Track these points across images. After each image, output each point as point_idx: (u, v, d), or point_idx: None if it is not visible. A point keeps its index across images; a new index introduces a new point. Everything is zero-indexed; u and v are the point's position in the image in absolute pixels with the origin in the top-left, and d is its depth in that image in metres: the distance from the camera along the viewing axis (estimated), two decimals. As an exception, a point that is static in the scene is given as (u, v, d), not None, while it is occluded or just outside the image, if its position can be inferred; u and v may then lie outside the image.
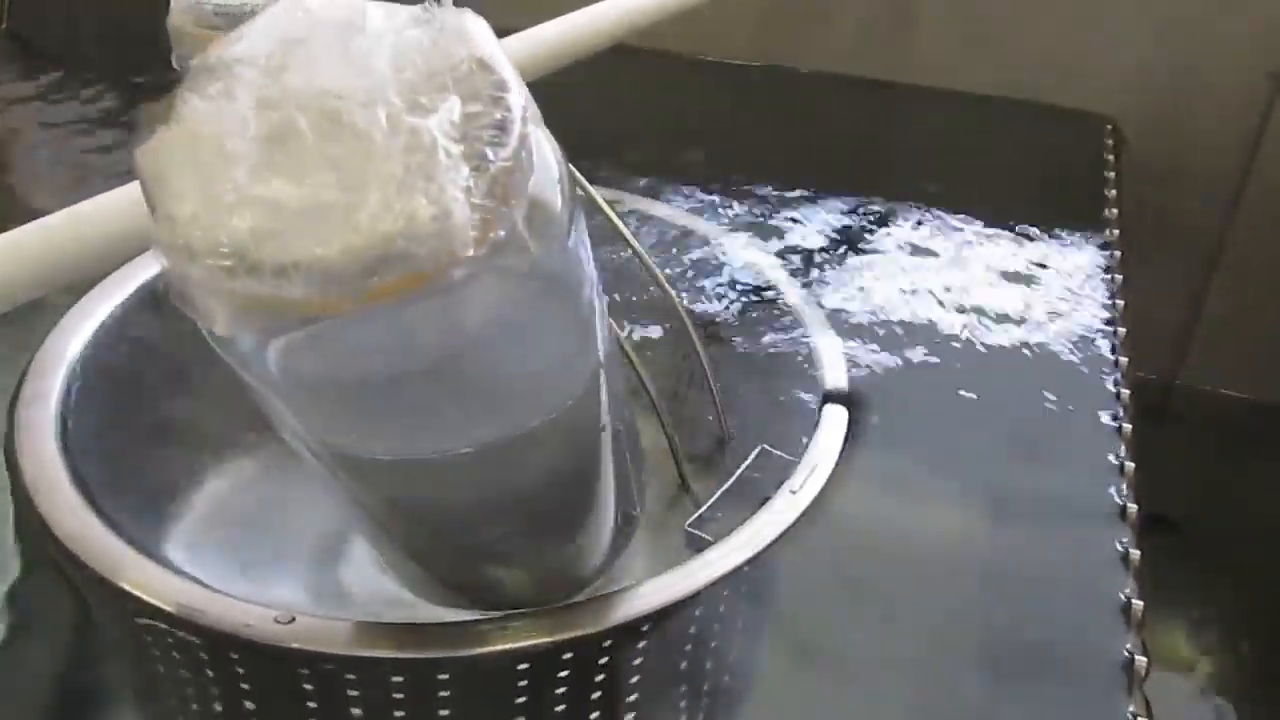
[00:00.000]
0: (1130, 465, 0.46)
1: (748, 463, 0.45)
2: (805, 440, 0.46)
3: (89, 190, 0.35)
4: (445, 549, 0.35)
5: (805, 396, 0.50)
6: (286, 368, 0.26)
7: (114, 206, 0.37)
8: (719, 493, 0.44)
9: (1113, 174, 0.70)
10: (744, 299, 0.57)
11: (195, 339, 0.50)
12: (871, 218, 0.65)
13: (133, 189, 0.37)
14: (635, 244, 0.45)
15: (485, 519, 0.33)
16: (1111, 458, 0.46)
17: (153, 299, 0.51)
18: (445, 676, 0.35)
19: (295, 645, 0.35)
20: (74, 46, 0.87)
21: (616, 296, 0.54)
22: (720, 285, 0.58)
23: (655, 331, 0.55)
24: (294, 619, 0.36)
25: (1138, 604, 0.39)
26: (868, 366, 0.52)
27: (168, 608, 0.36)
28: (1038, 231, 0.63)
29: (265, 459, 0.47)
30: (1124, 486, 0.45)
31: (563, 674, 0.36)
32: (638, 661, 0.37)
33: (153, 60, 0.74)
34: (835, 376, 0.50)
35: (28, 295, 0.34)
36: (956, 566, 0.42)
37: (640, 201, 0.64)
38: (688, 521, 0.42)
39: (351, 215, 0.22)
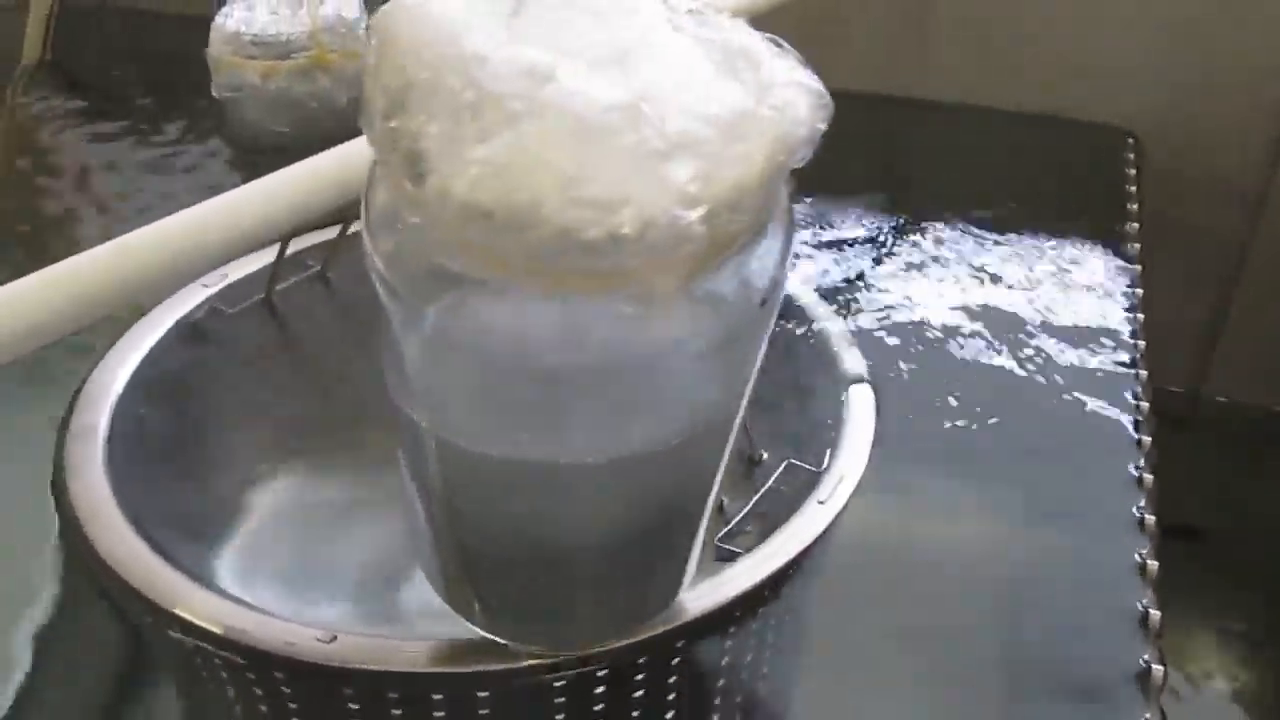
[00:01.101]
0: (1149, 477, 0.46)
1: (775, 477, 0.46)
2: (830, 453, 0.47)
3: (133, 217, 0.37)
4: (527, 575, 0.34)
5: (830, 409, 0.50)
6: (468, 341, 0.25)
7: (161, 237, 0.38)
8: (747, 507, 0.45)
9: (1133, 188, 0.70)
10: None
11: (237, 369, 0.51)
12: (893, 232, 0.66)
13: (178, 219, 0.39)
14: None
15: (583, 545, 0.32)
16: (1131, 469, 0.47)
17: (194, 331, 0.52)
18: (485, 693, 0.36)
19: (337, 664, 0.36)
20: (115, 77, 0.89)
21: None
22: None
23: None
24: (335, 638, 0.37)
25: (1155, 614, 0.40)
26: (891, 378, 0.52)
27: (213, 629, 0.38)
28: (1059, 245, 0.64)
29: (310, 486, 0.48)
30: (1143, 498, 0.46)
31: (599, 690, 0.37)
32: (672, 677, 0.38)
33: (191, 89, 0.76)
34: (860, 390, 0.51)
35: (74, 327, 0.36)
36: (977, 576, 0.43)
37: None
38: (717, 536, 0.43)
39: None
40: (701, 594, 0.39)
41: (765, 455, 0.48)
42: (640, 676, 0.37)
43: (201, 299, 0.52)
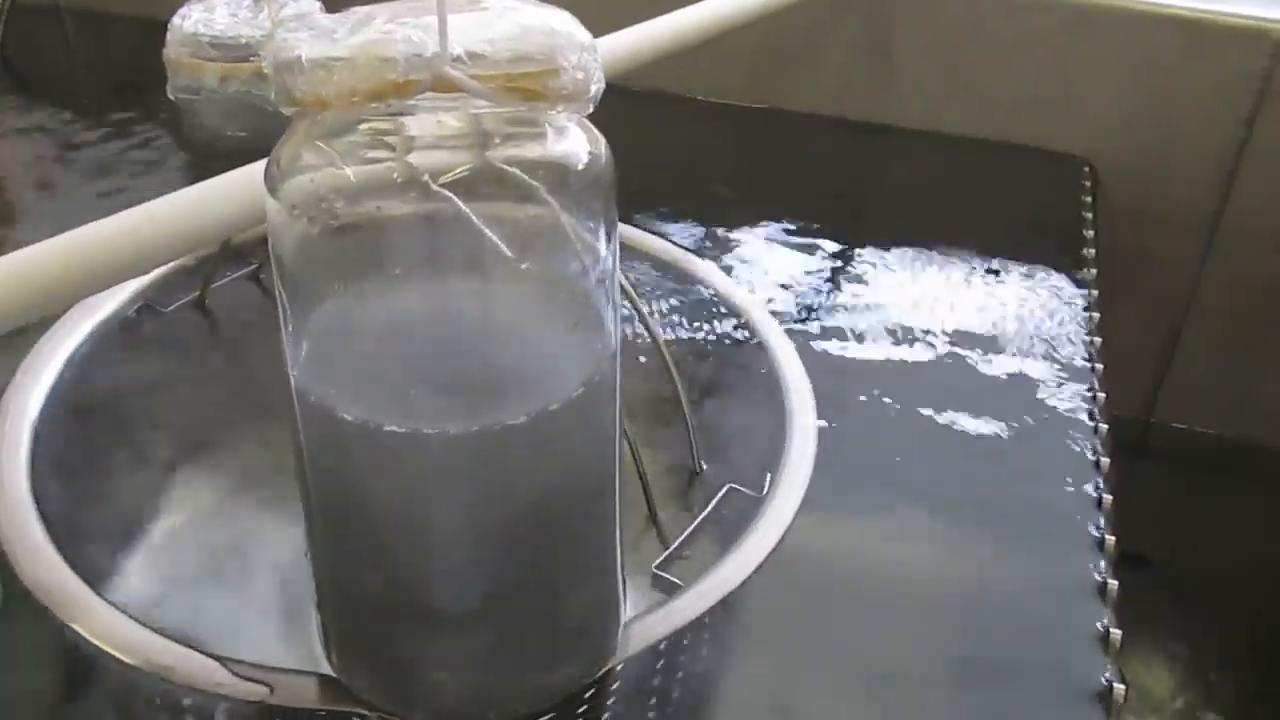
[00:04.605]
0: (1108, 497, 0.46)
1: (715, 502, 0.46)
2: (771, 476, 0.47)
3: (78, 218, 0.36)
4: (389, 602, 0.33)
5: (776, 430, 0.50)
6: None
7: (105, 235, 0.37)
8: (686, 532, 0.44)
9: (1090, 214, 0.71)
10: (719, 332, 0.58)
11: (166, 370, 0.49)
12: (852, 255, 0.66)
13: (121, 219, 0.38)
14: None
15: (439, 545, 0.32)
16: (1090, 489, 0.47)
17: (123, 326, 0.51)
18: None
19: (264, 702, 0.35)
20: (68, 75, 0.88)
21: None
22: (696, 317, 0.59)
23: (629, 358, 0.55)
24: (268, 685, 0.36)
25: (1115, 633, 0.40)
26: (843, 401, 0.52)
27: (137, 664, 0.36)
28: (1016, 269, 0.64)
29: (244, 498, 0.46)
30: (1101, 519, 0.46)
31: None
32: (609, 706, 0.36)
33: (145, 90, 0.75)
34: (806, 412, 0.51)
35: (13, 324, 0.34)
36: (931, 601, 0.42)
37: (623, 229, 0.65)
38: (655, 563, 0.43)
39: None
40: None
41: (705, 467, 0.48)
42: (581, 710, 0.36)
43: (134, 291, 0.51)
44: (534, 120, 0.29)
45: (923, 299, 0.61)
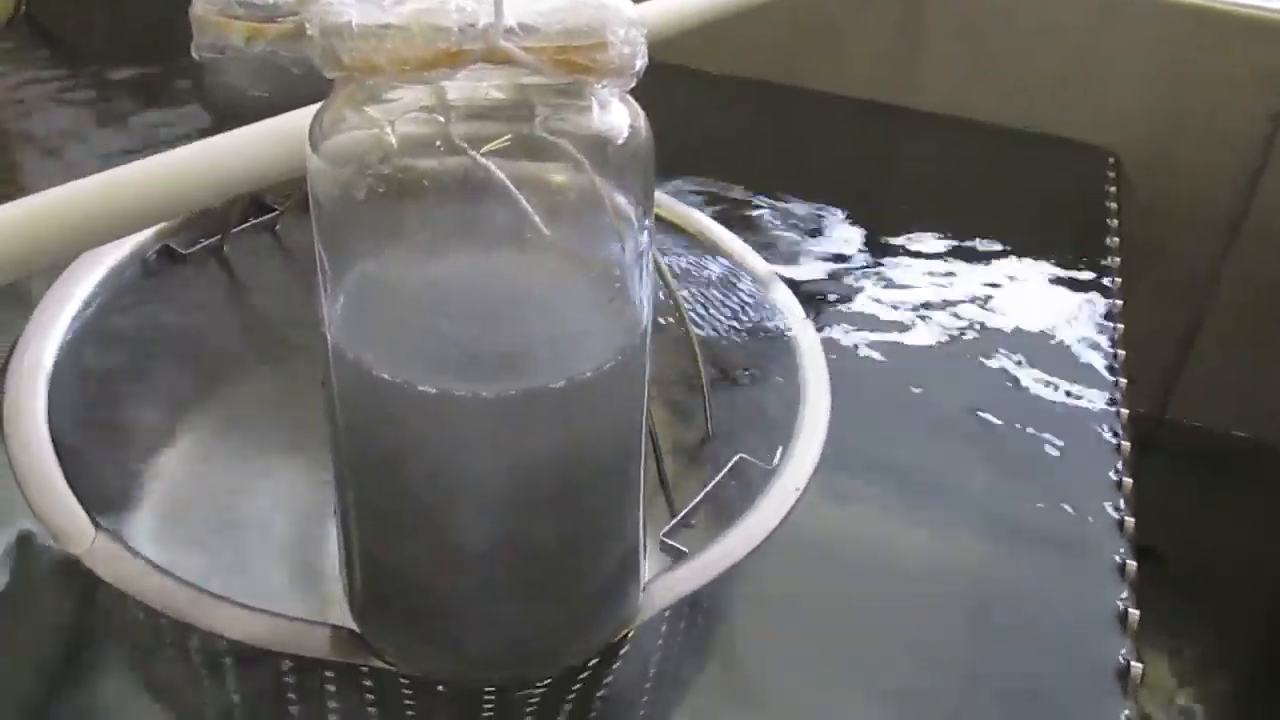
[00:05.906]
0: (1128, 481, 0.46)
1: (723, 473, 0.45)
2: (783, 450, 0.47)
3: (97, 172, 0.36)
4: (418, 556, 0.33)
5: (790, 404, 0.50)
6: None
7: (121, 182, 0.37)
8: (694, 501, 0.44)
9: (1114, 204, 0.71)
10: (738, 304, 0.58)
11: (188, 312, 0.49)
12: (873, 237, 0.66)
13: (137, 167, 0.38)
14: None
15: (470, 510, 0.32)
16: (1110, 473, 0.47)
17: (143, 267, 0.50)
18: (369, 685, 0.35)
19: (276, 650, 0.35)
20: (91, 33, 0.88)
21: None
22: (716, 288, 0.59)
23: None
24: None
25: (1134, 612, 0.40)
26: (858, 379, 0.52)
27: (150, 606, 0.36)
28: (1038, 255, 0.64)
29: (261, 444, 0.46)
30: (1120, 501, 0.45)
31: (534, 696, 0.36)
32: (608, 679, 0.36)
33: (169, 48, 0.75)
34: (820, 389, 0.51)
35: (26, 269, 0.34)
36: (946, 582, 0.42)
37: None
38: (662, 531, 0.43)
39: None
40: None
41: (717, 436, 0.48)
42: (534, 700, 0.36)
43: (154, 231, 0.50)
44: (578, 93, 0.29)
45: (942, 282, 0.61)
